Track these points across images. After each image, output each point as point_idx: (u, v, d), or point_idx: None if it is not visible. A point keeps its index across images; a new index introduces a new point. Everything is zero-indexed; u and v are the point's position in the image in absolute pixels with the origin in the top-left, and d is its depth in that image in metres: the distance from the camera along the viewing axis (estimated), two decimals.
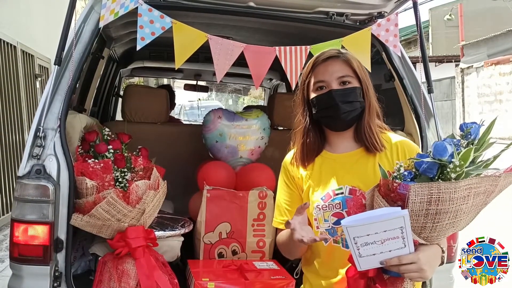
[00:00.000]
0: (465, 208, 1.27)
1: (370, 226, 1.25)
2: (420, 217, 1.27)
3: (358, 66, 1.61)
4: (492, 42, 15.63)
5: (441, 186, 1.24)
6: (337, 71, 1.59)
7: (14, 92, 6.36)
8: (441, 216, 1.27)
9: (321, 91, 1.60)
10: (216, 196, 2.56)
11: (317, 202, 1.59)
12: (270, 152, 3.19)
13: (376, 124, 1.63)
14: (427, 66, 2.36)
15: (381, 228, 1.25)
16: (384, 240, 1.27)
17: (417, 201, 1.25)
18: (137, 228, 2.00)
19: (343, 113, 1.56)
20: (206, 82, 6.35)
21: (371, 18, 2.57)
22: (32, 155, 1.90)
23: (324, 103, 1.58)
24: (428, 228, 1.29)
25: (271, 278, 2.25)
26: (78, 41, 2.10)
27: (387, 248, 1.28)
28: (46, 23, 7.83)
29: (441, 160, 1.25)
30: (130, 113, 3.07)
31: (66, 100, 1.99)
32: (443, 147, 1.25)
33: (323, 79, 1.59)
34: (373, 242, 1.27)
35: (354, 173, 1.59)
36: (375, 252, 1.29)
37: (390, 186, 1.32)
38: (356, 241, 1.28)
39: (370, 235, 1.26)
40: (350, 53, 1.66)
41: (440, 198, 1.24)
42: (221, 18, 2.59)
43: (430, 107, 2.36)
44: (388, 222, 1.24)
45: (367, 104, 1.60)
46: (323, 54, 1.62)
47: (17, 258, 1.90)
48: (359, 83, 1.60)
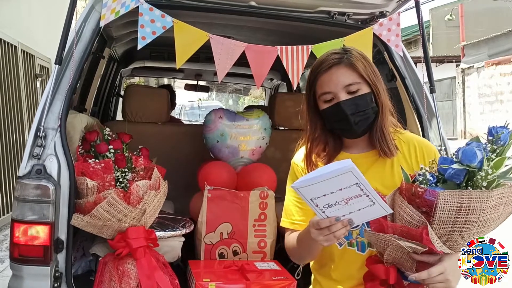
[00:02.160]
0: (494, 217, 1.23)
1: (322, 185, 1.19)
2: (447, 225, 1.23)
3: (365, 68, 1.50)
4: (493, 42, 15.64)
5: (472, 194, 1.19)
6: (342, 79, 1.48)
7: (14, 92, 6.36)
8: (470, 225, 1.22)
9: (329, 104, 1.51)
10: (217, 196, 2.55)
11: None
12: (271, 152, 3.19)
13: (391, 123, 1.57)
14: (429, 66, 2.35)
15: (335, 186, 1.20)
16: (347, 200, 1.22)
17: (446, 209, 1.21)
18: (138, 228, 1.99)
19: (356, 124, 1.49)
20: (206, 82, 6.35)
21: (373, 17, 2.56)
22: (32, 155, 1.90)
23: (335, 116, 1.51)
24: (455, 236, 1.25)
25: (272, 279, 2.24)
26: (78, 40, 2.09)
27: (354, 208, 1.24)
28: (46, 23, 7.83)
29: (470, 166, 1.19)
30: (131, 113, 3.06)
31: (66, 100, 1.98)
32: (473, 152, 1.19)
33: (330, 90, 1.49)
34: (336, 203, 1.23)
35: (372, 174, 1.51)
36: (344, 213, 1.25)
37: (415, 191, 1.27)
38: (316, 203, 1.24)
39: (327, 196, 1.22)
40: (354, 51, 1.54)
41: (470, 207, 1.19)
42: (222, 18, 2.58)
43: (432, 107, 2.35)
44: (339, 179, 1.18)
45: (380, 107, 1.52)
46: (325, 62, 1.51)
47: (17, 258, 1.89)
48: (368, 86, 1.51)
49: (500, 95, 15.05)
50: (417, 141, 1.59)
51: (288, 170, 1.74)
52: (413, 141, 1.58)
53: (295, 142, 3.48)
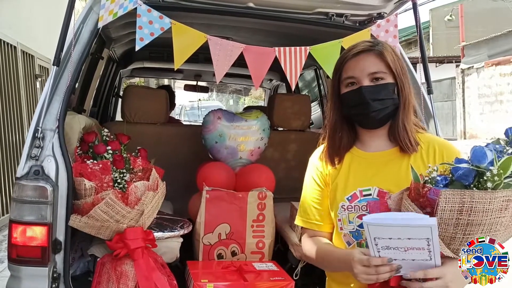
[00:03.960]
0: (504, 221, 1.18)
1: (393, 229, 1.17)
2: (449, 227, 1.19)
3: (393, 60, 1.49)
4: (493, 43, 15.63)
5: (474, 194, 1.15)
6: (368, 66, 1.48)
7: (14, 93, 6.36)
8: (473, 228, 1.18)
9: (351, 87, 1.50)
10: (216, 197, 2.55)
11: (342, 201, 1.51)
12: (270, 153, 3.19)
13: (413, 122, 1.54)
14: (427, 67, 2.36)
15: (405, 234, 1.16)
16: (408, 249, 1.19)
17: (447, 209, 1.17)
18: (136, 229, 1.99)
19: (373, 111, 1.47)
20: (206, 83, 6.35)
21: (370, 19, 2.57)
22: (30, 156, 1.90)
23: (354, 100, 1.49)
24: (458, 239, 1.21)
25: (271, 280, 2.24)
26: (77, 41, 2.09)
27: (410, 257, 1.20)
28: (46, 23, 7.83)
29: (479, 166, 1.15)
30: (130, 114, 3.06)
31: (64, 101, 1.99)
32: (482, 152, 1.15)
33: (354, 75, 1.49)
34: (396, 247, 1.19)
35: (386, 174, 1.49)
36: (396, 258, 1.22)
37: (421, 190, 1.24)
38: (376, 242, 1.20)
39: (392, 239, 1.18)
40: (386, 44, 1.53)
41: (472, 208, 1.15)
42: (220, 19, 2.59)
43: (429, 108, 2.35)
44: (413, 229, 1.15)
45: (402, 101, 1.49)
46: (355, 48, 1.51)
47: (15, 259, 1.89)
48: (394, 78, 1.49)
49: (500, 95, 15.05)
50: (438, 144, 1.53)
51: (286, 171, 1.75)
52: (433, 143, 1.53)
53: (294, 142, 3.47)
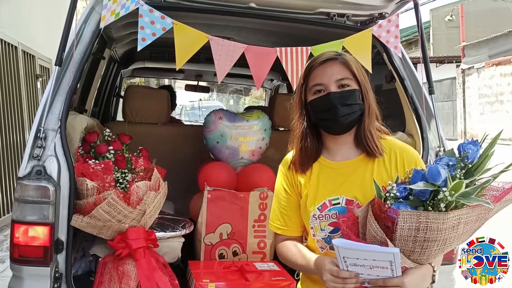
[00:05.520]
0: (455, 236, 1.26)
1: (361, 252, 1.27)
2: (408, 242, 1.27)
3: (357, 68, 1.57)
4: (493, 43, 15.63)
5: (429, 216, 1.22)
6: (335, 73, 1.55)
7: (15, 93, 6.37)
8: (430, 244, 1.26)
9: (319, 94, 1.55)
10: (217, 197, 2.56)
11: (313, 211, 1.57)
12: (271, 153, 3.18)
13: (376, 127, 1.60)
14: (428, 67, 2.35)
15: (371, 256, 1.27)
16: (373, 267, 1.28)
17: (406, 227, 1.24)
18: (138, 229, 2.00)
19: (342, 116, 1.52)
20: (207, 83, 6.35)
21: (372, 19, 2.57)
22: (32, 156, 1.90)
23: (323, 106, 1.54)
24: (417, 252, 1.28)
25: (272, 279, 2.24)
26: (78, 41, 2.09)
27: (374, 273, 1.30)
28: (47, 23, 7.83)
29: (434, 184, 1.23)
30: (131, 114, 3.07)
31: (66, 101, 1.99)
32: (437, 171, 1.22)
33: (321, 82, 1.55)
34: (362, 265, 1.29)
35: (352, 182, 1.55)
36: (362, 273, 1.31)
37: (382, 207, 1.30)
38: (345, 260, 1.30)
39: (359, 259, 1.28)
40: (349, 54, 1.62)
41: (428, 227, 1.23)
42: (222, 19, 2.59)
43: (431, 108, 2.36)
44: (378, 254, 1.26)
45: (366, 107, 1.56)
46: (321, 57, 1.58)
47: (17, 259, 1.90)
48: (358, 85, 1.56)
49: (500, 95, 15.04)
50: (399, 149, 1.59)
51: None
52: (395, 148, 1.59)
53: None
